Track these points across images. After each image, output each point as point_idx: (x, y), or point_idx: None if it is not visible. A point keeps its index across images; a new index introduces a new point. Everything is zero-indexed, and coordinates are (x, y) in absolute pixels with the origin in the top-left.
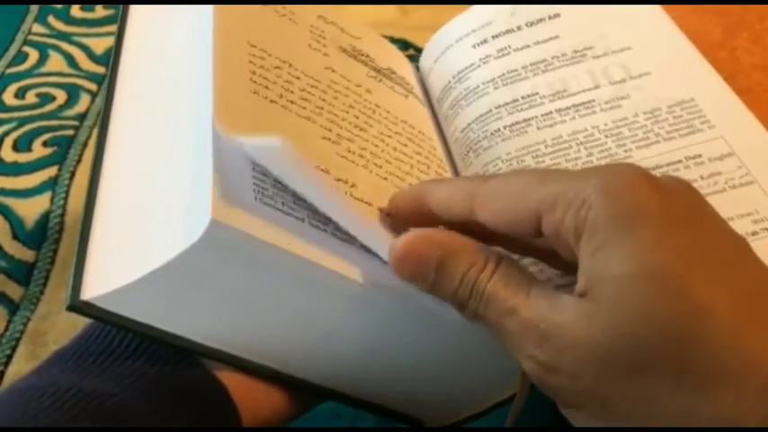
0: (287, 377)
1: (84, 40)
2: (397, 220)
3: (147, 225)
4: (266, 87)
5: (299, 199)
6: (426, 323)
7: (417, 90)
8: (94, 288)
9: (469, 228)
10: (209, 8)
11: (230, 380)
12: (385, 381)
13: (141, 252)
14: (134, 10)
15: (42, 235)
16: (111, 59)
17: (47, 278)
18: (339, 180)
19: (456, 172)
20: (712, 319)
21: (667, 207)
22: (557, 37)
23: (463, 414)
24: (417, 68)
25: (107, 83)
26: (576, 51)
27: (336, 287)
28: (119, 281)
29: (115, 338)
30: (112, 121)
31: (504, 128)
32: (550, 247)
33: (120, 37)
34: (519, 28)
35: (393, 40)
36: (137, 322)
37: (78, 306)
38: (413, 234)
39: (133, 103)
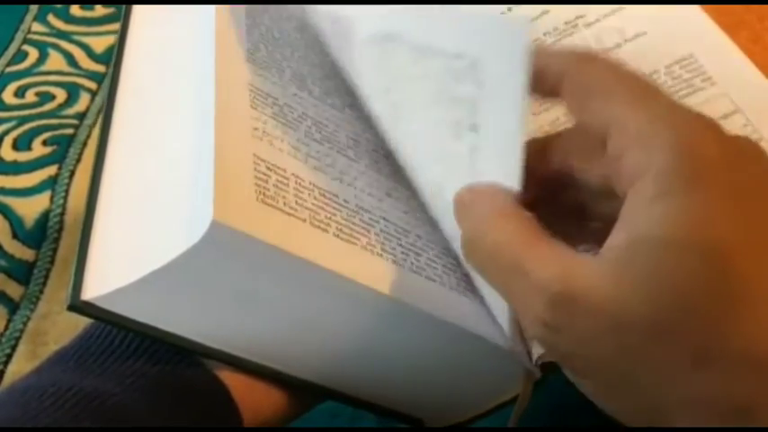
0: (288, 377)
1: (84, 39)
2: None
3: (149, 225)
4: None
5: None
6: (429, 327)
7: None
8: (95, 288)
9: None
10: (211, 8)
11: (231, 380)
12: (386, 382)
13: (142, 252)
14: (137, 9)
15: (42, 234)
16: (113, 59)
17: (46, 277)
18: None
19: None
20: (754, 303)
21: (735, 177)
22: (547, 12)
23: (466, 415)
24: None
25: (109, 82)
26: (567, 23)
27: (337, 288)
28: (120, 281)
29: (116, 338)
30: (114, 121)
31: None
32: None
33: (122, 36)
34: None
35: None
36: (137, 322)
37: (79, 306)
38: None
39: (135, 103)
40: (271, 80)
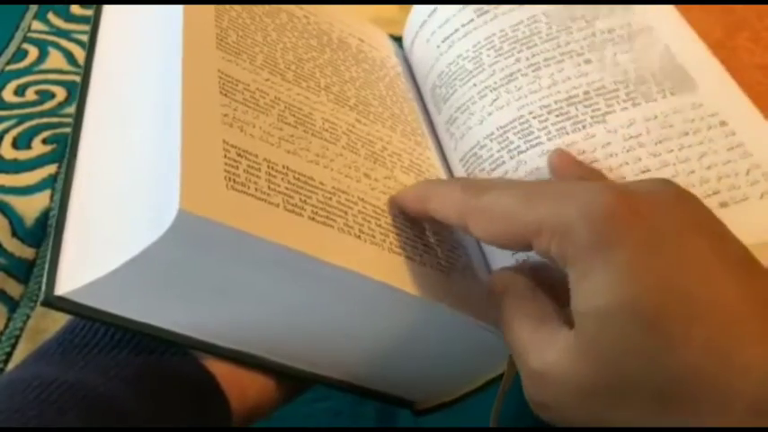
0: (270, 364)
1: (84, 38)
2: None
3: (119, 218)
4: None
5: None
6: (410, 306)
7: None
8: (68, 283)
9: None
10: (179, 8)
11: (217, 367)
12: (371, 364)
13: (113, 245)
14: (107, 9)
15: (42, 232)
16: (85, 56)
17: None
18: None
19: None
20: (691, 349)
21: (648, 231)
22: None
23: (454, 393)
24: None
25: (81, 78)
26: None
27: (313, 271)
28: (92, 274)
29: (99, 331)
30: (86, 117)
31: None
32: None
33: (93, 34)
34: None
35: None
36: (112, 315)
37: (52, 301)
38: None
39: (106, 98)
40: (241, 66)
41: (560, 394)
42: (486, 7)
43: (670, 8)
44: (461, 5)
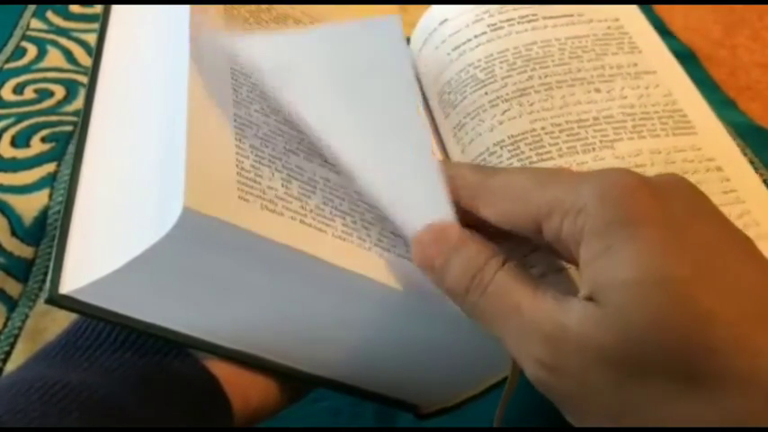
0: (272, 365)
1: (83, 36)
2: None
3: (124, 216)
4: None
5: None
6: (414, 310)
7: None
8: (73, 281)
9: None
10: (186, 8)
11: (220, 369)
12: (375, 367)
13: (118, 243)
14: (115, 9)
15: (41, 231)
16: (92, 57)
17: (46, 274)
18: None
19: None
20: (718, 324)
21: (667, 213)
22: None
23: (459, 397)
24: None
25: (89, 78)
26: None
27: (317, 273)
28: (96, 273)
29: (103, 332)
30: (93, 116)
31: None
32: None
33: (101, 36)
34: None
35: None
36: (116, 314)
37: (56, 299)
38: (433, 223)
39: (112, 97)
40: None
41: (580, 360)
42: (500, 23)
43: (671, 58)
44: (474, 17)
